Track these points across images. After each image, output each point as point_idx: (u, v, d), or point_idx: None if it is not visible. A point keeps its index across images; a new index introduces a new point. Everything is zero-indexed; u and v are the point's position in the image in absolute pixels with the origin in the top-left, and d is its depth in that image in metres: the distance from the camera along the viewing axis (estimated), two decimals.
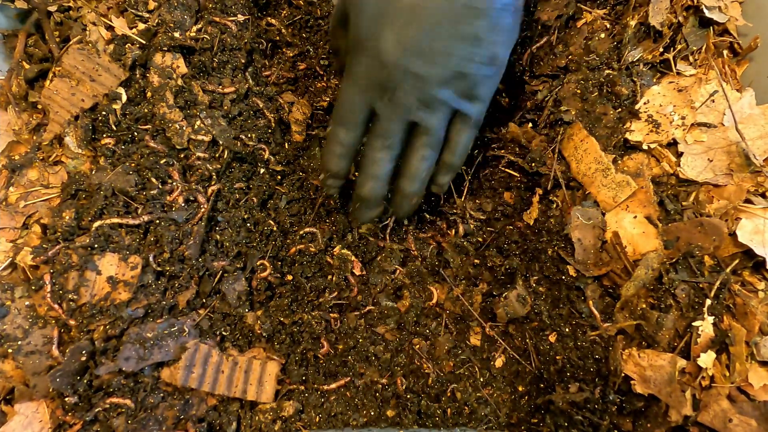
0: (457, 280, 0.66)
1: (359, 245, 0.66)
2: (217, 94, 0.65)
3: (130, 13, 0.65)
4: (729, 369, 0.49)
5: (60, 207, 0.57)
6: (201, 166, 0.61)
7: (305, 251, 0.65)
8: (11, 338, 0.52)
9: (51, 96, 0.59)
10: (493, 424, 0.58)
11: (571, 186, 0.63)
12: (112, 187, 0.57)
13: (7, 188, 0.59)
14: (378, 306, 0.63)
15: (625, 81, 0.62)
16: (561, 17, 0.68)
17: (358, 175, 0.58)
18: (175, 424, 0.54)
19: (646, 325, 0.53)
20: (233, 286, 0.59)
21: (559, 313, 0.60)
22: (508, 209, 0.69)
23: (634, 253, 0.56)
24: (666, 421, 0.50)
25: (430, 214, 0.71)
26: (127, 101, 0.61)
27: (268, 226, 0.65)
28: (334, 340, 0.62)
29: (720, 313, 0.51)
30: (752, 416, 0.47)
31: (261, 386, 0.57)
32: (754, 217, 0.53)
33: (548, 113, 0.65)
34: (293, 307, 0.63)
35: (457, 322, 0.65)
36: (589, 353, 0.56)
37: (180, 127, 0.60)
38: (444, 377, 0.61)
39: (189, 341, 0.55)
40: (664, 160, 0.59)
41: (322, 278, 0.64)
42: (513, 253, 0.66)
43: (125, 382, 0.53)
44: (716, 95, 0.58)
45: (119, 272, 0.54)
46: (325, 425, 0.58)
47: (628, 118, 0.61)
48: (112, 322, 0.53)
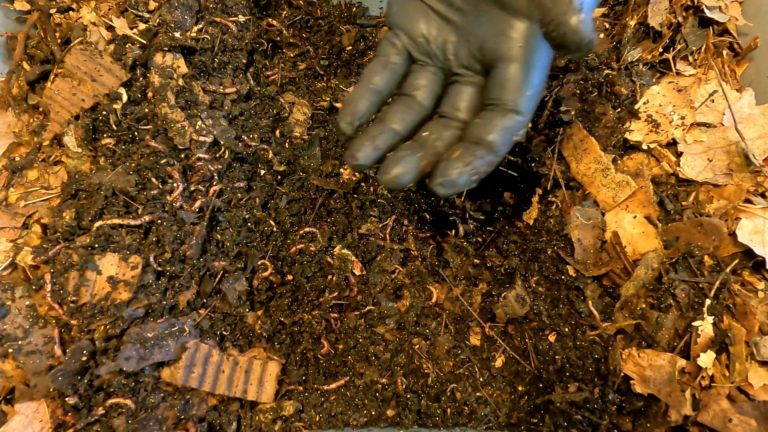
0: (457, 280, 0.67)
1: (359, 245, 0.66)
2: (218, 94, 0.65)
3: (131, 13, 0.65)
4: (729, 369, 0.49)
5: (60, 207, 0.57)
6: (202, 166, 0.61)
7: (305, 251, 0.65)
8: (12, 338, 0.52)
9: (52, 96, 0.60)
10: (493, 423, 0.59)
11: (570, 186, 0.64)
12: (113, 187, 0.57)
13: (7, 189, 0.59)
14: (378, 306, 0.64)
15: (625, 81, 0.62)
16: None
17: None
18: (176, 423, 0.54)
19: (646, 324, 0.53)
20: (234, 286, 0.59)
21: (559, 313, 0.60)
22: (507, 209, 0.70)
23: (634, 253, 0.57)
24: (666, 420, 0.50)
25: (430, 215, 0.71)
26: (127, 101, 0.61)
27: (269, 226, 0.65)
28: (334, 340, 0.62)
29: (720, 312, 0.51)
30: (752, 416, 0.47)
31: (261, 386, 0.57)
32: (754, 216, 0.53)
33: (548, 113, 0.65)
34: (293, 307, 0.63)
35: (456, 322, 0.65)
36: (588, 353, 0.56)
37: (182, 128, 0.60)
38: (444, 377, 0.61)
39: (189, 341, 0.55)
40: (664, 159, 0.59)
41: (323, 278, 0.64)
42: (512, 253, 0.66)
43: (126, 381, 0.53)
44: (716, 95, 0.58)
45: (120, 272, 0.54)
46: (325, 425, 0.58)
47: (627, 118, 0.61)
48: (113, 322, 0.53)
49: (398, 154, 0.43)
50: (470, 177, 0.40)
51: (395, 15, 0.47)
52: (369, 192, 0.70)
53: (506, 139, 0.40)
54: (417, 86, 0.47)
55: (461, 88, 0.46)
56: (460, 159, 0.40)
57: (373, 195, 0.69)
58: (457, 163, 0.40)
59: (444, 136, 0.44)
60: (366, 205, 0.68)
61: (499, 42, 0.41)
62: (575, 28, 0.34)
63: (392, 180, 0.42)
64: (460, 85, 0.46)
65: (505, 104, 0.40)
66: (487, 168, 0.41)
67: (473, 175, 0.40)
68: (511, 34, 0.40)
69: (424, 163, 0.43)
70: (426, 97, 0.47)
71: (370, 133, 0.45)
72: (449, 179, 0.39)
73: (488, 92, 0.42)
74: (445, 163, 0.40)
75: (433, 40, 0.46)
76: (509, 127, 0.40)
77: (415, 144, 0.45)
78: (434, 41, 0.46)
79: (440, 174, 0.40)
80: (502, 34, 0.41)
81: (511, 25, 0.40)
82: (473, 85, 0.45)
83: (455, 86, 0.46)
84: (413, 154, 0.43)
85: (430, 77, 0.47)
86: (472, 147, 0.41)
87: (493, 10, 0.41)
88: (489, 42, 0.42)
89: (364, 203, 0.68)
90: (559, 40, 0.35)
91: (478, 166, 0.40)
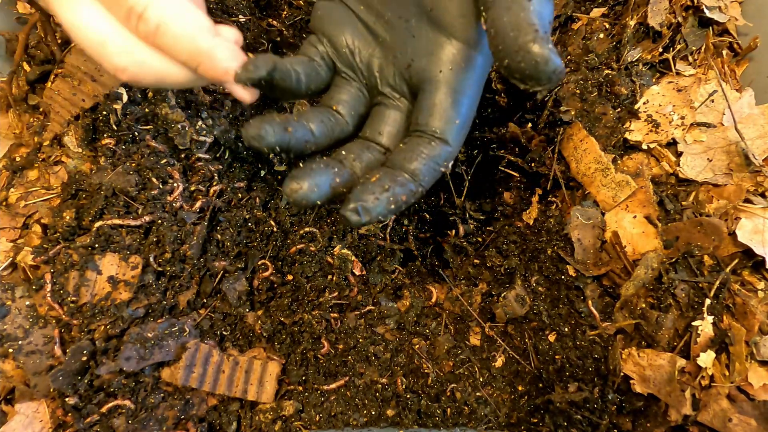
0: (457, 280, 0.67)
1: (359, 245, 0.66)
2: (218, 94, 0.65)
3: None
4: (729, 368, 0.49)
5: (60, 207, 0.57)
6: (203, 166, 0.61)
7: (305, 251, 0.65)
8: (12, 338, 0.52)
9: (52, 96, 0.60)
10: (493, 423, 0.59)
11: (570, 186, 0.64)
12: (113, 187, 0.57)
13: (7, 189, 0.59)
14: (378, 306, 0.64)
15: (625, 81, 0.62)
16: (559, 17, 0.69)
17: None
18: (176, 423, 0.54)
19: (646, 324, 0.53)
20: (234, 286, 0.59)
21: (559, 313, 0.60)
22: (507, 209, 0.70)
23: (634, 252, 0.57)
24: (665, 420, 0.50)
25: (430, 215, 0.71)
26: (128, 101, 0.62)
27: (269, 226, 0.65)
28: (335, 340, 0.62)
29: (719, 312, 0.51)
30: (752, 416, 0.47)
31: (261, 386, 0.57)
32: (754, 216, 0.53)
33: (548, 113, 0.65)
34: (293, 307, 0.63)
35: (456, 322, 0.65)
36: (588, 353, 0.57)
37: (182, 128, 0.60)
38: (444, 377, 0.61)
39: (189, 341, 0.55)
40: (664, 159, 0.59)
41: (323, 278, 0.64)
42: (512, 253, 0.66)
43: (126, 381, 0.53)
44: (715, 95, 0.58)
45: (120, 272, 0.54)
46: (325, 425, 0.58)
47: (627, 118, 0.61)
48: (113, 322, 0.53)
49: (311, 165, 0.38)
50: (388, 206, 0.35)
51: (320, 20, 0.43)
52: None
53: (431, 169, 0.37)
54: (339, 100, 0.43)
55: (386, 112, 0.42)
56: (379, 184, 0.36)
57: None
58: (375, 188, 0.35)
59: (364, 158, 0.40)
60: None
61: (428, 62, 0.38)
62: (546, 56, 0.29)
63: (300, 194, 0.36)
64: (385, 108, 0.42)
65: (432, 132, 0.37)
66: (408, 198, 0.36)
67: (391, 204, 0.35)
68: (441, 56, 0.38)
69: (339, 182, 0.38)
70: (348, 114, 0.43)
71: (283, 115, 0.39)
72: (365, 205, 0.35)
73: (415, 117, 0.39)
74: (361, 187, 0.36)
75: (357, 53, 0.42)
76: (435, 157, 0.37)
77: (332, 160, 0.40)
78: (359, 54, 0.42)
79: (355, 198, 0.35)
80: (431, 54, 0.38)
81: (442, 46, 0.38)
82: (399, 111, 0.42)
83: (380, 108, 0.43)
84: (328, 169, 0.38)
85: (354, 93, 0.43)
86: (393, 173, 0.37)
87: (425, 27, 0.38)
88: (417, 61, 0.39)
89: None
90: (527, 72, 0.30)
91: (398, 194, 0.36)
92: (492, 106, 0.77)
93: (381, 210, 0.35)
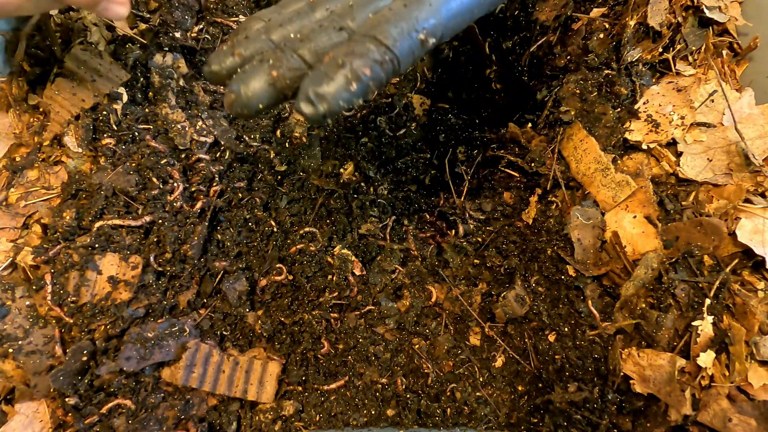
0: (457, 280, 0.67)
1: (359, 245, 0.67)
2: (218, 94, 0.65)
3: (131, 13, 0.65)
4: (728, 368, 0.49)
5: (60, 207, 0.57)
6: (203, 167, 0.61)
7: (305, 251, 0.65)
8: (12, 338, 0.52)
9: (52, 96, 0.60)
10: (493, 423, 0.59)
11: (570, 186, 0.64)
12: (113, 187, 0.57)
13: (7, 189, 0.59)
14: (378, 306, 0.64)
15: (625, 81, 0.62)
16: (559, 17, 0.69)
17: None
18: (176, 423, 0.54)
19: (646, 324, 0.53)
20: (234, 286, 0.59)
21: (559, 313, 0.60)
22: (507, 209, 0.70)
23: (634, 252, 0.57)
24: (665, 420, 0.50)
25: (430, 215, 0.71)
26: (128, 101, 0.62)
27: (269, 226, 0.65)
28: (335, 340, 0.62)
29: (719, 312, 0.51)
30: (752, 416, 0.47)
31: (262, 386, 0.57)
32: (754, 216, 0.53)
33: (548, 113, 0.65)
34: (293, 307, 0.63)
35: (456, 322, 0.65)
36: (588, 353, 0.57)
37: (182, 128, 0.60)
38: (443, 377, 0.61)
39: (190, 341, 0.55)
40: (664, 159, 0.59)
41: (323, 278, 0.64)
42: (512, 253, 0.66)
43: (126, 381, 0.53)
44: (715, 95, 0.58)
45: (120, 272, 0.54)
46: (325, 425, 0.58)
47: (627, 118, 0.61)
48: (113, 322, 0.53)
49: (245, 67, 0.32)
50: (347, 86, 0.27)
51: None
52: (369, 192, 0.70)
53: (403, 32, 0.29)
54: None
55: None
56: (332, 62, 0.28)
57: (373, 195, 0.69)
58: (328, 67, 0.28)
59: (320, 42, 0.32)
60: (366, 205, 0.68)
61: None
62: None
63: (237, 103, 0.30)
64: None
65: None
66: (374, 71, 0.28)
67: (351, 83, 0.27)
68: None
69: (278, 74, 0.30)
70: None
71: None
72: (317, 90, 0.27)
73: None
74: (313, 72, 0.29)
75: None
76: (408, 18, 0.29)
77: (274, 53, 0.32)
78: None
79: (305, 85, 0.28)
80: None
81: None
82: None
83: None
84: (262, 64, 0.31)
85: None
86: (350, 44, 0.29)
87: None
88: None
89: (364, 203, 0.68)
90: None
91: (359, 68, 0.27)
92: (492, 106, 0.78)
93: (340, 92, 0.28)
